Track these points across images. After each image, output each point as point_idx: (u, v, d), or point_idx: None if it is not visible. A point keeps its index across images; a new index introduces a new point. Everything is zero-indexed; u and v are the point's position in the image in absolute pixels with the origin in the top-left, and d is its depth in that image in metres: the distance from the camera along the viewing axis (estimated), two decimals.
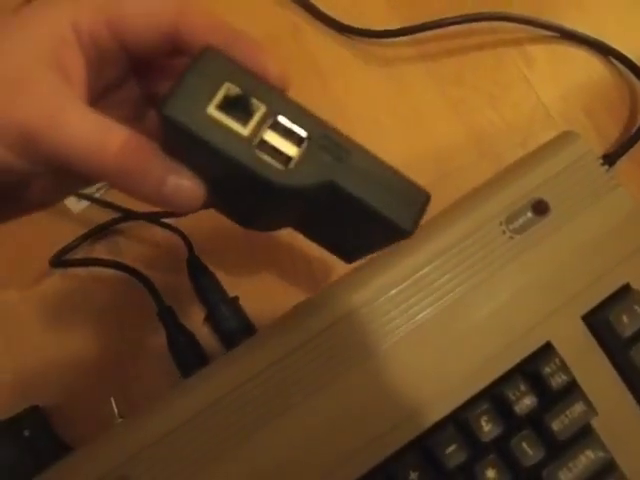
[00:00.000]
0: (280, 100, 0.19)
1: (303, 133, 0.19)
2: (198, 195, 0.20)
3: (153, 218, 0.36)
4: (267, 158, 0.18)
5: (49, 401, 0.32)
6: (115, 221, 0.35)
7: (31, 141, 0.18)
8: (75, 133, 0.18)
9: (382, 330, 0.27)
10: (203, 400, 0.26)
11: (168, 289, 0.34)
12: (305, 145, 0.19)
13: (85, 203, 0.36)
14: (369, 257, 0.29)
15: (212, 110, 0.18)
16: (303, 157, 0.19)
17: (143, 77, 0.23)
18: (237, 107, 0.18)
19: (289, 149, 0.19)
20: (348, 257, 0.26)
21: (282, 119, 0.19)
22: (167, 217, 0.35)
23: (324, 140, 0.19)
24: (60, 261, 0.34)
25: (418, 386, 0.26)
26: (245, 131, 0.18)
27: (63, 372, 0.33)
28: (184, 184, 0.19)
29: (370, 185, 0.20)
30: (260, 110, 0.18)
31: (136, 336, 0.34)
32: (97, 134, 0.18)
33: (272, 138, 0.19)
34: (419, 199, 0.20)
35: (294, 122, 0.19)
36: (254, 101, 0.18)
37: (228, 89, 0.18)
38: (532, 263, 0.28)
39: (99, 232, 0.35)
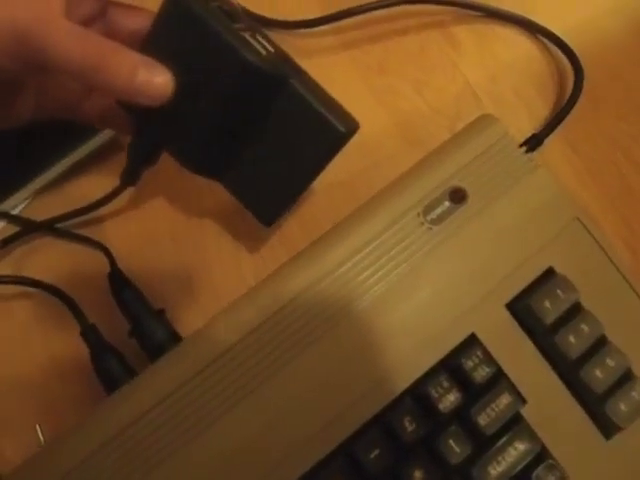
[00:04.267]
0: (255, 26, 0.26)
1: (272, 49, 0.25)
2: (168, 83, 0.24)
3: (75, 233, 0.34)
4: (250, 40, 0.24)
5: None
6: (24, 232, 0.34)
7: (25, 41, 0.22)
8: (63, 33, 0.22)
9: (301, 332, 0.26)
10: (127, 415, 0.25)
11: (93, 305, 0.33)
12: (273, 53, 0.25)
13: (2, 223, 0.35)
14: (286, 260, 0.28)
15: (212, 4, 0.24)
16: (271, 56, 0.25)
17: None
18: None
19: (262, 49, 0.24)
20: (269, 213, 0.29)
21: (258, 36, 0.25)
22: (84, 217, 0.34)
23: (286, 59, 0.26)
24: None
25: (339, 391, 0.25)
26: (235, 25, 0.24)
27: None
28: (154, 73, 0.24)
29: (314, 94, 0.26)
30: (243, 22, 0.25)
31: (63, 355, 0.33)
32: (80, 36, 0.23)
33: (251, 39, 0.24)
34: (352, 121, 0.26)
35: (267, 41, 0.25)
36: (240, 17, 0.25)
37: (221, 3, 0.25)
38: (452, 254, 0.27)
39: (5, 245, 0.33)
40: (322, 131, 0.25)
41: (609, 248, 0.27)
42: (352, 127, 0.26)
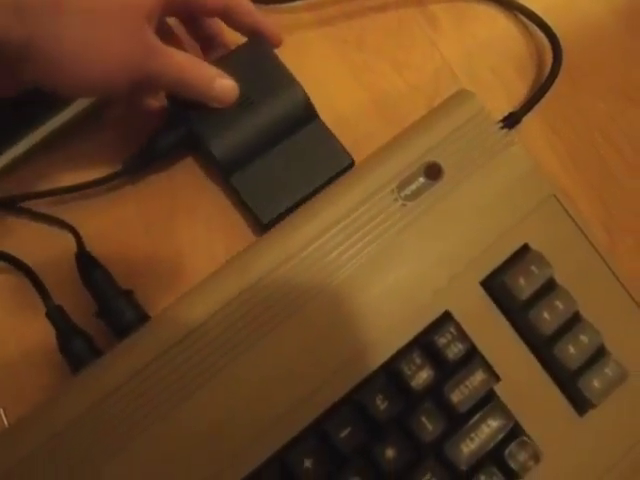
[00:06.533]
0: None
1: None
2: (235, 89, 0.31)
3: (43, 214, 0.33)
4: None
5: None
6: None
7: (147, 75, 0.28)
8: (174, 62, 0.29)
9: (271, 309, 0.25)
10: (93, 395, 0.25)
11: (60, 286, 0.32)
12: None
13: None
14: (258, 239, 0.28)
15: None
16: None
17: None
18: None
19: None
20: (269, 215, 0.32)
21: None
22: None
23: None
24: None
25: (311, 370, 0.25)
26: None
27: None
28: (226, 81, 0.30)
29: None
30: None
31: (30, 337, 0.32)
32: (184, 59, 0.29)
33: None
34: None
35: None
36: None
37: None
38: (427, 230, 0.26)
39: None
40: (334, 157, 0.32)
41: (584, 225, 0.27)
42: (353, 161, 0.33)
